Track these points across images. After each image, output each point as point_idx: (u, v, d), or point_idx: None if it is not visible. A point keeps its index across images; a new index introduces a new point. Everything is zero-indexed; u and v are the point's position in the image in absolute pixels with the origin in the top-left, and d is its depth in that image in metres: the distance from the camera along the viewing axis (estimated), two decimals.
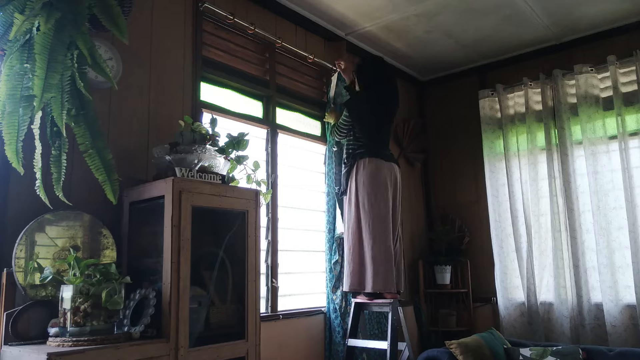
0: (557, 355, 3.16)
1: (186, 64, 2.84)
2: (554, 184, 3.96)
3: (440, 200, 4.76)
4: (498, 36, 4.05)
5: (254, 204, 2.42)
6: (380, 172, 3.20)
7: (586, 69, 3.92)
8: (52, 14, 1.76)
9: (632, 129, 3.74)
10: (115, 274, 1.94)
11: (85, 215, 2.16)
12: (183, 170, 2.17)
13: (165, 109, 2.69)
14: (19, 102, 1.80)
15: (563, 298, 3.82)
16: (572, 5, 3.61)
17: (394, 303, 3.13)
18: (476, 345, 3.24)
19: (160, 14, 2.75)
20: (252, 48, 3.32)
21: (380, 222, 3.12)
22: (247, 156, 2.56)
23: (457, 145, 4.68)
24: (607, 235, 3.67)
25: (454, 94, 4.77)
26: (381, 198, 3.15)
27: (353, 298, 3.34)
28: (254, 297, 2.36)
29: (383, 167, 3.23)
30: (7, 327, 1.89)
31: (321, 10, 3.57)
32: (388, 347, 3.02)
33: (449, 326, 4.29)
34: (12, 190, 2.08)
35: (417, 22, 3.79)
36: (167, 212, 2.08)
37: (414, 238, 4.52)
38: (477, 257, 4.42)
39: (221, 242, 2.39)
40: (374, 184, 3.17)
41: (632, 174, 3.66)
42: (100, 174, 1.90)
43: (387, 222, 3.14)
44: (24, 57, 1.81)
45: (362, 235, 3.16)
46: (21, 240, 1.97)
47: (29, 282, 1.95)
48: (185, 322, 2.04)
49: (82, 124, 1.89)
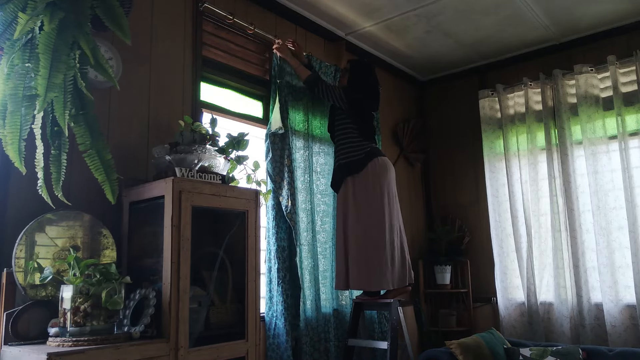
0: (557, 355, 3.16)
1: (186, 64, 2.84)
2: (554, 184, 3.96)
3: (440, 200, 4.76)
4: (498, 36, 4.06)
5: (254, 204, 2.42)
6: (388, 172, 3.23)
7: (586, 69, 3.92)
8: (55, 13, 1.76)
9: (632, 129, 3.74)
10: (115, 274, 1.94)
11: (85, 215, 2.16)
12: (183, 170, 2.17)
13: (165, 109, 2.69)
14: (22, 101, 1.80)
15: (563, 298, 3.82)
16: (572, 5, 3.61)
17: (394, 303, 3.13)
18: (476, 345, 3.24)
19: (160, 14, 2.75)
20: (252, 48, 3.32)
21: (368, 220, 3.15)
22: (247, 156, 2.56)
23: (457, 145, 4.68)
24: (607, 235, 3.67)
25: (454, 94, 4.77)
26: (372, 198, 3.17)
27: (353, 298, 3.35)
28: (254, 297, 2.36)
29: (386, 164, 3.25)
30: (7, 327, 1.89)
31: (321, 10, 3.57)
32: (388, 347, 3.02)
33: (449, 326, 4.29)
34: (12, 190, 2.08)
35: (417, 22, 3.79)
36: (167, 212, 2.08)
37: (414, 238, 4.52)
38: (477, 257, 4.43)
39: (221, 242, 2.39)
40: (373, 184, 3.18)
41: (632, 174, 3.66)
42: (100, 174, 1.90)
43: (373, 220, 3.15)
44: (25, 56, 1.81)
45: (346, 234, 3.17)
46: (21, 240, 1.97)
47: (29, 282, 1.95)
48: (185, 322, 2.04)
49: (82, 123, 1.89)
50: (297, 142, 3.35)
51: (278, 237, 3.08)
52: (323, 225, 3.43)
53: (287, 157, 3.19)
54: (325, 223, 3.45)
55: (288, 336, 2.94)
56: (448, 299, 4.46)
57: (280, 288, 3.00)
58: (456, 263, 4.43)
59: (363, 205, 3.16)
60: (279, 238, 3.09)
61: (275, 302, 3.00)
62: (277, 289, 3.01)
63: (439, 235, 4.49)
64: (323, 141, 3.58)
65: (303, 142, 3.40)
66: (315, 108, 3.56)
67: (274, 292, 3.02)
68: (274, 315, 2.99)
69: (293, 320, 3.03)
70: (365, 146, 3.23)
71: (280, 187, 3.12)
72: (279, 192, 3.11)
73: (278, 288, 3.00)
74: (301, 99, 3.42)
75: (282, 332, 2.94)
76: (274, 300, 3.01)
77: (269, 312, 3.02)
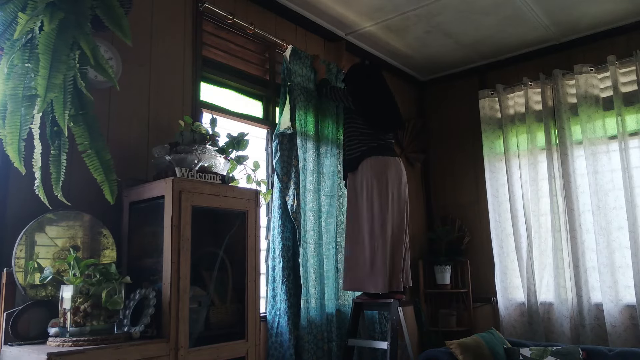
0: (557, 355, 3.16)
1: (186, 64, 2.84)
2: (554, 184, 3.96)
3: (440, 200, 4.76)
4: (498, 36, 4.05)
5: (254, 204, 2.42)
6: (379, 172, 3.19)
7: (586, 69, 3.92)
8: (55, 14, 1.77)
9: (632, 129, 3.74)
10: (115, 274, 1.94)
11: (85, 215, 2.16)
12: (183, 170, 2.17)
13: (165, 109, 2.69)
14: (21, 101, 1.80)
15: (563, 298, 3.82)
16: (572, 5, 3.61)
17: (394, 303, 3.13)
18: (476, 345, 3.24)
19: (160, 14, 2.75)
20: (252, 48, 3.32)
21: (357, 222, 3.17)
22: (247, 156, 2.56)
23: (457, 145, 4.68)
24: (607, 235, 3.67)
25: (454, 94, 4.77)
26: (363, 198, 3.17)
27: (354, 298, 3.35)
28: (254, 297, 2.36)
29: (381, 164, 3.21)
30: (7, 327, 1.89)
31: (321, 10, 3.57)
32: (388, 347, 3.01)
33: (449, 326, 4.29)
34: (12, 190, 2.08)
35: (417, 22, 3.79)
36: (167, 212, 2.08)
37: (414, 238, 4.52)
38: (477, 257, 4.43)
39: (221, 242, 2.39)
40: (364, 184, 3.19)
41: (632, 174, 3.66)
42: (99, 174, 1.90)
43: (363, 222, 3.15)
44: (25, 56, 1.81)
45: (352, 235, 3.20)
46: (21, 240, 1.97)
47: (29, 282, 1.95)
48: (185, 322, 2.04)
49: (82, 124, 1.89)
50: (306, 143, 3.38)
51: (283, 237, 3.10)
52: (327, 227, 3.45)
53: (295, 157, 3.22)
54: (330, 224, 3.46)
55: (291, 335, 2.94)
56: (448, 299, 4.46)
57: (284, 287, 3.02)
58: (456, 263, 4.43)
59: (351, 204, 3.24)
60: (285, 237, 3.11)
61: (279, 300, 3.01)
62: (281, 287, 3.02)
63: (439, 235, 4.49)
64: (330, 143, 3.59)
65: (312, 143, 3.43)
66: (324, 110, 3.59)
67: (277, 291, 3.03)
68: (277, 313, 3.00)
69: (295, 319, 3.04)
70: (363, 144, 3.24)
71: (287, 186, 3.14)
72: (285, 192, 3.13)
73: (282, 287, 3.02)
74: (310, 101, 3.46)
75: (285, 330, 2.95)
76: (278, 298, 3.02)
77: (272, 310, 3.03)
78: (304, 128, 3.37)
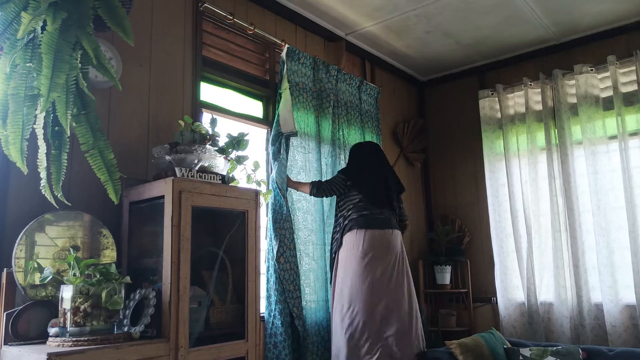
0: (557, 355, 3.16)
1: (186, 64, 2.84)
2: (554, 184, 3.96)
3: (440, 200, 4.76)
4: (498, 36, 4.06)
5: (254, 204, 2.42)
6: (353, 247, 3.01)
7: (586, 69, 3.92)
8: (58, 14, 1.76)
9: (632, 129, 3.74)
10: (115, 274, 1.94)
11: (85, 215, 2.16)
12: (183, 170, 2.17)
13: (165, 109, 2.69)
14: (24, 101, 1.80)
15: (563, 298, 3.82)
16: (572, 5, 3.61)
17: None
18: (476, 345, 3.24)
19: (160, 14, 2.75)
20: (252, 48, 3.32)
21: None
22: (247, 156, 2.56)
23: (457, 145, 4.68)
24: (607, 235, 3.67)
25: (454, 94, 4.77)
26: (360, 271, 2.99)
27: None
28: (254, 297, 2.36)
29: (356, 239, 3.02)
30: (7, 327, 1.89)
31: (321, 10, 3.57)
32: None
33: (449, 326, 4.29)
34: (12, 190, 2.08)
35: (417, 22, 3.79)
36: (167, 212, 2.08)
37: (414, 238, 4.52)
38: (477, 257, 4.43)
39: (221, 242, 2.39)
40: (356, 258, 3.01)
41: (632, 174, 3.66)
42: (102, 174, 1.90)
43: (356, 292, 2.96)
44: (27, 56, 1.81)
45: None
46: (21, 240, 1.97)
47: (29, 282, 1.95)
48: (185, 322, 2.04)
49: (84, 123, 1.89)
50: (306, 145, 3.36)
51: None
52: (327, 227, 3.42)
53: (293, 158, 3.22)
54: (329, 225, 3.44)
55: (286, 335, 2.94)
56: (448, 299, 4.47)
57: (279, 287, 3.00)
58: (456, 263, 4.43)
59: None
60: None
61: (273, 301, 3.01)
62: (275, 288, 3.01)
63: (439, 235, 4.50)
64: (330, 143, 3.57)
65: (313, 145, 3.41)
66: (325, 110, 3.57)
67: (272, 292, 3.02)
68: (272, 314, 3.00)
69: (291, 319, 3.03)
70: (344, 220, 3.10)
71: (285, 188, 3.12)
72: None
73: (277, 287, 3.00)
74: (310, 101, 3.44)
75: (280, 331, 2.94)
76: (272, 299, 3.01)
77: (267, 310, 3.03)
78: (304, 128, 3.36)
